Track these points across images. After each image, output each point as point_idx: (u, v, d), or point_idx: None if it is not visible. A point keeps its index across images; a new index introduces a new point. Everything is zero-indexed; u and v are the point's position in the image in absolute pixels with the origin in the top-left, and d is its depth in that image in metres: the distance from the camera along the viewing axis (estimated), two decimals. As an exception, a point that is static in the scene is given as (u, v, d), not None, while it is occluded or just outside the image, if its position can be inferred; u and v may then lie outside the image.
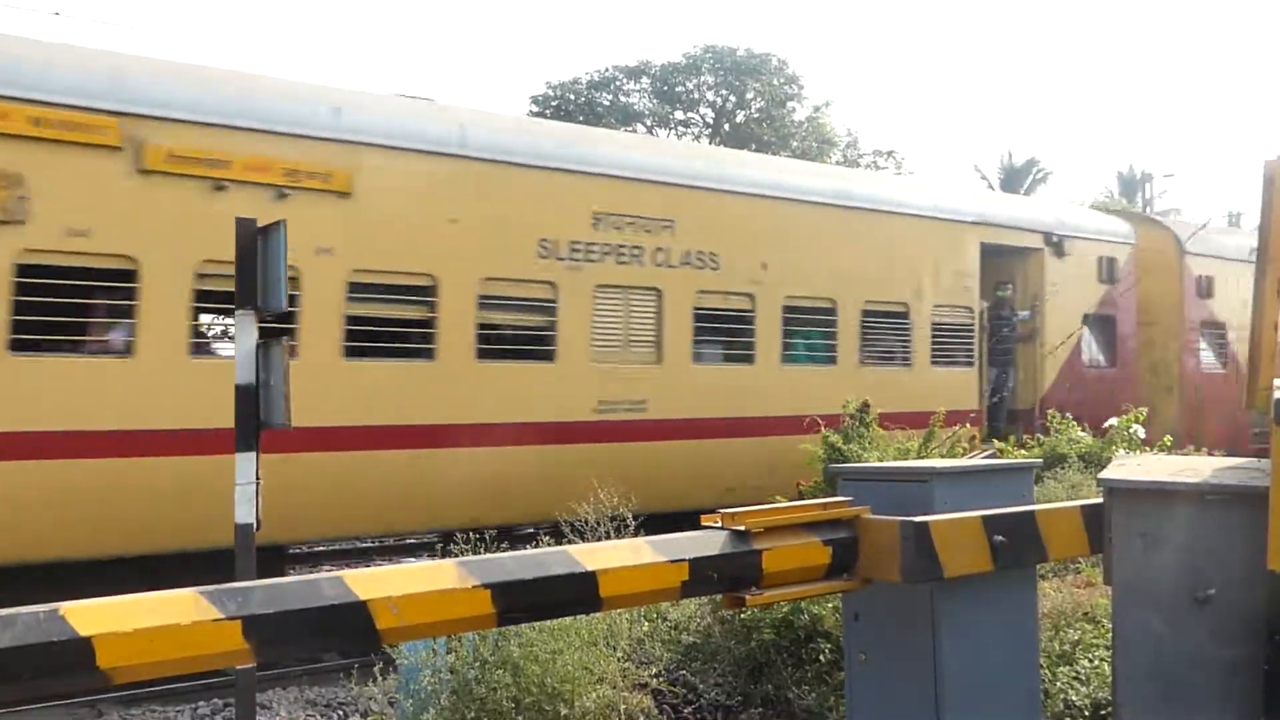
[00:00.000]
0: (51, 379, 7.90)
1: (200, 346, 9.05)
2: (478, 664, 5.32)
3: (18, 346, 7.78)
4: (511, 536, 9.34)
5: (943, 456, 8.18)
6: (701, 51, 41.16)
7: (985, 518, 4.19)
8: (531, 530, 10.26)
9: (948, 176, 61.31)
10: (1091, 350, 15.62)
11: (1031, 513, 4.42)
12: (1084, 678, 5.53)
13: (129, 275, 8.19)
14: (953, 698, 4.20)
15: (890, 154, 45.38)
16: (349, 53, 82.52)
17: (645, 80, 41.94)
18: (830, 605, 5.94)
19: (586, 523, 6.28)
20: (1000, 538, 4.18)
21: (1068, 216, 16.03)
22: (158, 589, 2.97)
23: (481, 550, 5.07)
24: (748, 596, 3.95)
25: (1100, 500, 4.24)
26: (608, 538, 6.09)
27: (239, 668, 5.29)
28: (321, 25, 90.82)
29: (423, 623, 3.30)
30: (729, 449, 11.04)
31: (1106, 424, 10.74)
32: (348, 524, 9.51)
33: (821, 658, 5.94)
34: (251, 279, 5.65)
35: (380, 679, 5.86)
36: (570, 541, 5.75)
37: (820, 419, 9.29)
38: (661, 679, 5.84)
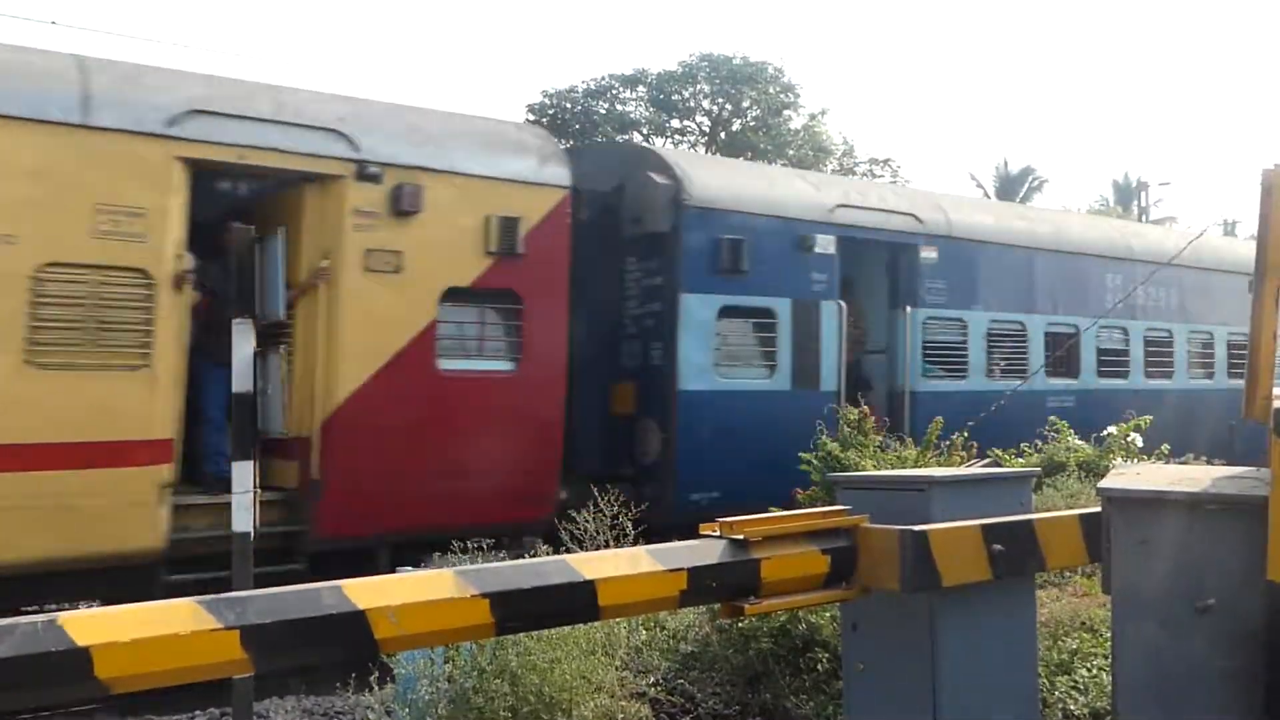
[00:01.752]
0: None
1: None
2: (475, 673, 5.31)
3: None
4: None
5: (940, 465, 8.18)
6: (697, 60, 41.24)
7: (984, 526, 4.19)
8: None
9: (945, 184, 61.45)
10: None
11: (1030, 521, 4.42)
12: (1082, 687, 5.53)
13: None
14: (951, 707, 4.19)
15: (886, 162, 45.42)
16: (345, 59, 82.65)
17: (641, 89, 41.99)
18: (828, 614, 5.93)
19: (585, 531, 6.27)
20: (999, 546, 4.19)
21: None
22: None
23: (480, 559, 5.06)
24: (746, 605, 3.95)
25: (1099, 509, 4.24)
26: (605, 546, 6.08)
27: (236, 677, 5.28)
28: (316, 31, 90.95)
29: (421, 632, 3.29)
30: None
31: (1105, 431, 10.75)
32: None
33: (819, 667, 5.93)
34: (249, 288, 5.66)
35: (377, 688, 5.85)
36: (569, 550, 5.75)
37: None
38: (659, 688, 5.83)
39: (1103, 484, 4.21)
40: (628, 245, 11.31)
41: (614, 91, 42.00)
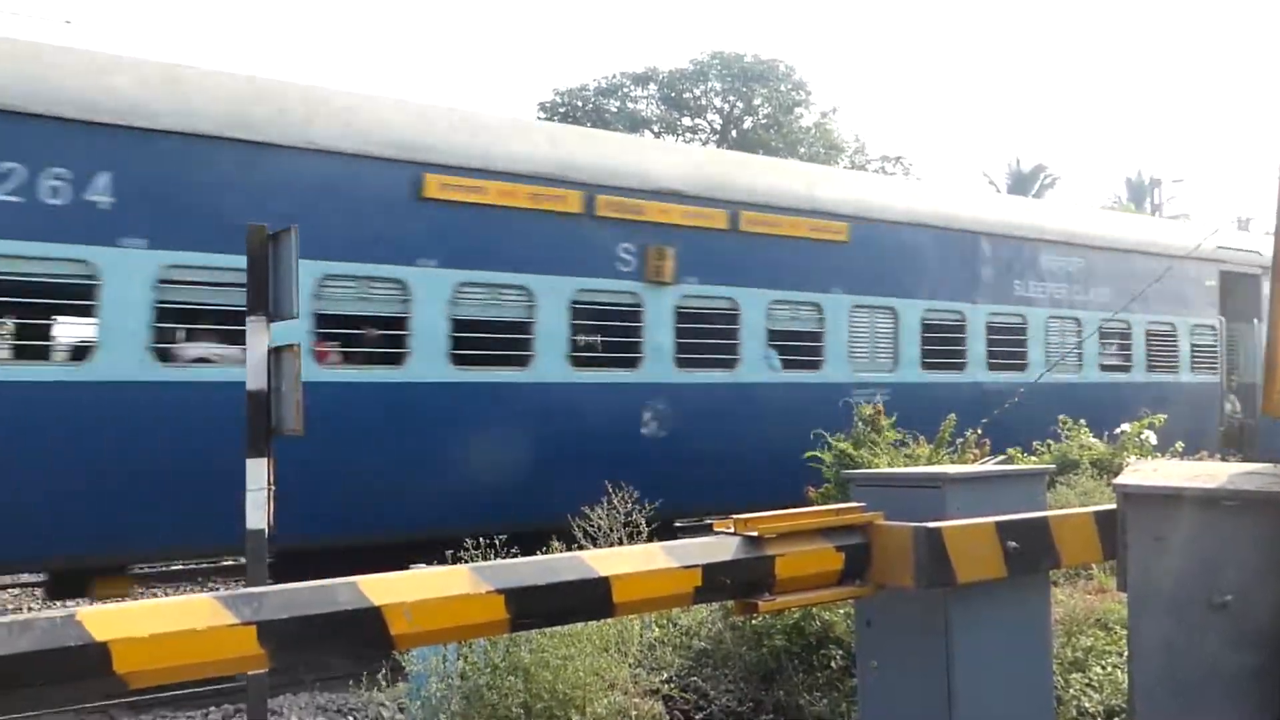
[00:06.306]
0: None
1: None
2: (489, 670, 5.31)
3: None
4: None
5: (953, 462, 8.17)
6: (709, 58, 41.24)
7: (998, 523, 4.17)
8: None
9: (956, 182, 61.31)
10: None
11: (1045, 518, 4.40)
12: (1097, 684, 5.52)
13: None
14: (965, 704, 4.18)
15: (898, 160, 45.35)
16: (356, 58, 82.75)
17: (653, 87, 42.04)
18: (841, 612, 5.93)
19: (599, 528, 6.27)
20: (1013, 543, 4.17)
21: None
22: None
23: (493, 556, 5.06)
24: (760, 603, 3.94)
25: (1113, 506, 4.23)
26: (620, 543, 6.09)
27: (252, 673, 5.30)
28: (329, 29, 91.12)
29: (436, 629, 3.29)
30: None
31: (1119, 429, 10.71)
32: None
33: (833, 664, 5.93)
34: (263, 285, 5.68)
35: (390, 684, 5.86)
36: (582, 547, 5.75)
37: None
38: (673, 685, 5.83)
39: (1118, 480, 4.19)
40: None
41: (625, 89, 42.03)
